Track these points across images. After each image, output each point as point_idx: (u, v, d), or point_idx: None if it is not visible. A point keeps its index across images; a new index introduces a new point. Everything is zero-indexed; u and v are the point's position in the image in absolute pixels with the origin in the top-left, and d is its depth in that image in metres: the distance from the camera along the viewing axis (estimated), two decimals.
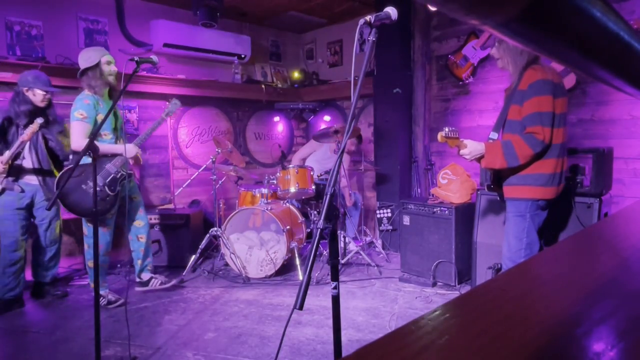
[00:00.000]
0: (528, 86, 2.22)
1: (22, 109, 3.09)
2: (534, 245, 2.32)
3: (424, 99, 4.65)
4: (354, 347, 2.52)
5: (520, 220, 2.32)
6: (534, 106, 2.20)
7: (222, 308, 3.17)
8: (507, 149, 2.24)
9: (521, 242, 2.31)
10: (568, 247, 0.91)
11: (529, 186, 2.28)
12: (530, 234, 2.30)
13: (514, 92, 2.31)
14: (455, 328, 0.53)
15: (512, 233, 2.36)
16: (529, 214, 2.30)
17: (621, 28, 0.45)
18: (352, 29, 5.49)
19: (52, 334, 2.78)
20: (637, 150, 3.31)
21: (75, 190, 2.93)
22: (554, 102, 2.21)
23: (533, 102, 2.20)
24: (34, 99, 3.14)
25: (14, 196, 3.14)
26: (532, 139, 2.19)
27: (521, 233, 2.31)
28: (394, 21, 1.52)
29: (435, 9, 2.31)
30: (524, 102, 2.23)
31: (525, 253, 2.31)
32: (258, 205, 3.97)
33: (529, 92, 2.21)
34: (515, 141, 2.23)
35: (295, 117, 6.15)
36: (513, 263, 2.34)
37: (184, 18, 4.82)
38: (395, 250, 4.46)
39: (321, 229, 1.28)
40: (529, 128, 2.21)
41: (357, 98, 1.44)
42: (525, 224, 2.30)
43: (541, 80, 2.19)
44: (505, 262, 2.45)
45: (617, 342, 0.48)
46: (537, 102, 2.19)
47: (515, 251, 2.34)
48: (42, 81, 3.16)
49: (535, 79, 2.20)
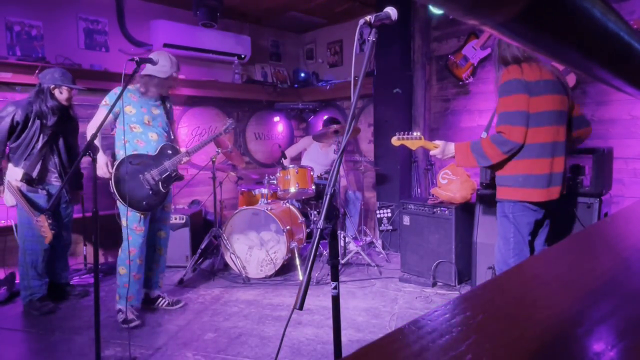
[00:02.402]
0: (499, 87, 2.24)
1: (49, 106, 3.05)
2: (523, 248, 2.27)
3: (424, 99, 4.65)
4: (354, 347, 2.52)
5: (505, 221, 2.31)
6: (502, 106, 2.21)
7: (222, 308, 3.17)
8: (475, 148, 2.26)
9: (508, 243, 2.29)
10: (568, 247, 0.91)
11: (509, 187, 2.25)
12: (516, 236, 2.27)
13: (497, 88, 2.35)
14: (455, 328, 0.53)
15: (500, 234, 2.36)
16: (512, 214, 2.26)
17: (621, 28, 0.45)
18: (352, 29, 5.48)
19: (52, 334, 2.78)
20: (637, 150, 3.31)
21: (133, 179, 2.82)
22: (529, 101, 2.14)
23: (501, 101, 2.22)
24: (60, 97, 3.10)
25: (43, 200, 3.11)
26: (498, 138, 2.18)
27: (507, 234, 2.29)
28: (394, 21, 1.52)
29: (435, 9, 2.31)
30: (497, 99, 2.26)
31: (513, 254, 2.28)
32: (258, 205, 3.97)
33: (499, 92, 2.23)
34: (484, 141, 2.25)
35: (295, 117, 6.15)
36: (504, 264, 2.32)
37: (184, 18, 4.82)
38: (395, 250, 4.46)
39: (321, 229, 1.28)
40: (497, 127, 2.22)
41: (357, 98, 1.44)
42: (511, 226, 2.27)
43: (513, 80, 2.17)
44: (497, 264, 2.43)
45: (617, 342, 0.48)
46: (504, 102, 2.19)
47: (503, 252, 2.33)
48: (69, 79, 3.14)
49: (505, 79, 2.20)
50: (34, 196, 3.08)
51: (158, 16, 4.68)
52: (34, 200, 3.08)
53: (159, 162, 2.93)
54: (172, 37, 4.63)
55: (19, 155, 3.05)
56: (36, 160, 3.06)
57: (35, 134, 3.05)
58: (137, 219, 2.87)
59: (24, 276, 3.11)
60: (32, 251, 3.08)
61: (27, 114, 3.02)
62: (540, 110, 2.17)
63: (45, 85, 3.07)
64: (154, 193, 2.90)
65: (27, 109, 3.03)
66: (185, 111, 5.08)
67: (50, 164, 3.15)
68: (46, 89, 3.06)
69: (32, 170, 3.04)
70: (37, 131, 3.05)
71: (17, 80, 3.73)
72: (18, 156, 3.05)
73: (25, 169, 3.04)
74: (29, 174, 3.04)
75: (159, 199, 2.95)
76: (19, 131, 3.03)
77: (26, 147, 3.04)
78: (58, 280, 3.39)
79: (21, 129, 3.03)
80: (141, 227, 2.89)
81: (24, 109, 3.02)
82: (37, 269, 3.11)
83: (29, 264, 3.08)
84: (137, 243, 2.89)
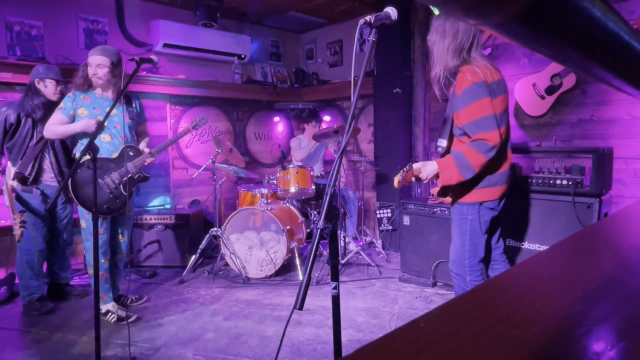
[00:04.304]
0: (462, 91, 2.08)
1: (35, 103, 3.02)
2: (479, 248, 2.25)
3: (424, 99, 4.65)
4: (354, 347, 2.52)
5: (463, 223, 2.25)
6: (476, 112, 2.06)
7: (222, 308, 3.17)
8: (459, 161, 2.09)
9: (464, 245, 2.25)
10: (568, 247, 0.91)
11: (475, 190, 2.19)
12: (472, 237, 2.23)
13: (452, 98, 2.20)
14: (455, 328, 0.53)
15: (457, 234, 2.31)
16: (471, 216, 2.22)
17: (621, 28, 0.45)
18: (352, 29, 5.49)
19: (52, 334, 2.78)
20: (637, 150, 3.31)
21: (90, 183, 2.84)
22: (493, 103, 2.07)
23: (472, 107, 2.06)
24: (46, 91, 3.06)
25: (38, 200, 3.10)
26: (483, 146, 2.04)
27: (464, 236, 2.25)
28: (393, 21, 1.52)
29: (435, 9, 2.30)
30: (461, 109, 2.10)
31: (469, 255, 2.26)
32: (258, 205, 3.97)
33: (466, 98, 2.08)
34: (466, 151, 2.08)
35: (295, 117, 6.16)
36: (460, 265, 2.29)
37: (184, 18, 4.82)
38: (395, 250, 4.46)
39: (321, 229, 1.28)
40: (478, 135, 2.06)
41: (357, 98, 1.44)
42: (468, 228, 2.23)
43: (475, 84, 2.05)
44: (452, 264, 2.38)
45: (617, 342, 0.48)
46: (477, 107, 2.05)
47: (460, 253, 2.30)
48: (54, 72, 3.09)
49: (468, 83, 2.07)
50: (28, 196, 3.07)
51: (158, 16, 4.68)
52: (27, 200, 3.07)
53: (120, 164, 2.91)
54: (172, 37, 4.63)
55: (15, 154, 3.05)
56: (29, 158, 3.04)
57: (28, 133, 3.04)
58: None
59: (22, 276, 3.11)
60: (27, 251, 3.08)
61: (19, 113, 3.01)
62: (500, 112, 2.11)
63: (31, 80, 3.06)
64: (115, 196, 2.90)
65: (19, 109, 3.02)
66: (185, 111, 5.08)
67: (45, 162, 3.12)
68: (32, 85, 3.05)
69: (25, 169, 3.03)
70: (29, 130, 3.04)
71: (17, 80, 3.73)
72: (14, 156, 3.06)
73: (18, 167, 3.03)
74: (22, 172, 3.02)
75: (121, 202, 2.93)
76: (12, 131, 3.03)
77: (20, 146, 3.04)
78: (57, 280, 3.39)
79: (14, 129, 3.03)
80: (101, 229, 2.91)
81: (15, 109, 3.02)
82: (34, 269, 3.10)
83: (25, 264, 3.08)
84: (101, 241, 2.88)
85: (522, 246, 3.11)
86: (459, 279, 2.29)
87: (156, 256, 4.13)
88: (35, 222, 3.08)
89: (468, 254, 2.24)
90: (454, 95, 2.17)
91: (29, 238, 3.05)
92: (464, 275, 2.25)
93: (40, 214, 3.10)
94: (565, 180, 2.89)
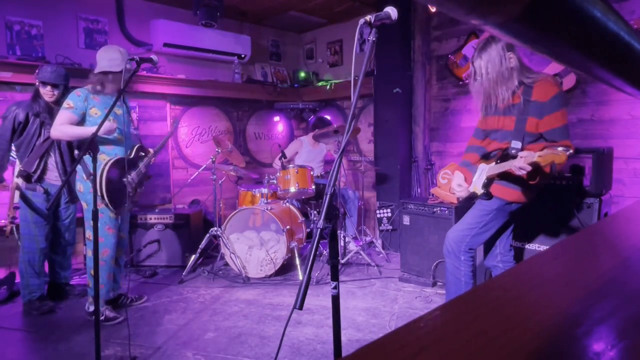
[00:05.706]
0: (551, 98, 2.15)
1: (41, 104, 3.06)
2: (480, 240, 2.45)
3: (424, 99, 4.65)
4: (354, 347, 2.52)
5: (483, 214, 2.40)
6: (564, 118, 2.17)
7: (222, 308, 3.17)
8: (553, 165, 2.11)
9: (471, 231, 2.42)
10: (568, 247, 0.91)
11: (517, 190, 2.28)
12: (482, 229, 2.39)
13: (528, 104, 2.22)
14: (455, 328, 0.53)
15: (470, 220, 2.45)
16: (496, 211, 2.36)
17: (621, 28, 0.45)
18: (352, 29, 5.49)
19: (52, 334, 2.78)
20: (637, 150, 3.31)
21: (119, 183, 2.88)
22: None
23: (562, 113, 2.17)
24: (43, 93, 3.05)
25: (41, 199, 3.11)
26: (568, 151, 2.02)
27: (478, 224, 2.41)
28: (394, 21, 1.52)
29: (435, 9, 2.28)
30: (548, 114, 2.16)
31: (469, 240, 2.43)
32: (258, 205, 3.97)
33: (554, 104, 2.15)
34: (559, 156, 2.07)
35: (295, 117, 6.15)
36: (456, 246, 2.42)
37: (184, 18, 4.81)
38: (395, 250, 4.46)
39: (321, 228, 1.28)
40: (565, 141, 2.13)
41: (357, 98, 1.44)
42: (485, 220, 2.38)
43: (562, 92, 2.21)
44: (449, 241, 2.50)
45: (617, 342, 0.48)
46: (565, 114, 2.18)
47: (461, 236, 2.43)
48: (47, 74, 3.02)
49: (556, 90, 2.17)
50: (31, 194, 3.08)
51: (158, 16, 4.68)
52: (31, 198, 3.08)
53: (136, 164, 2.97)
54: (172, 36, 4.63)
55: (22, 152, 3.08)
56: (35, 156, 3.06)
57: (36, 131, 3.06)
58: (112, 220, 2.91)
59: (23, 274, 3.12)
60: (28, 249, 3.09)
61: (27, 112, 3.05)
62: None
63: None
64: (131, 194, 2.97)
65: (28, 108, 3.06)
66: (185, 111, 5.08)
67: (50, 161, 3.13)
68: (35, 87, 3.09)
69: (30, 167, 3.04)
70: (37, 128, 3.07)
71: (17, 80, 3.73)
72: (22, 154, 3.08)
73: (23, 165, 3.05)
74: (27, 170, 3.04)
75: (133, 199, 3.02)
76: (20, 129, 3.05)
77: (27, 144, 3.06)
78: (57, 279, 3.39)
79: (22, 127, 3.05)
80: (114, 228, 2.93)
81: (24, 109, 3.05)
82: (35, 267, 3.11)
83: (26, 262, 3.09)
84: (111, 244, 2.92)
85: (523, 246, 3.11)
86: (451, 257, 2.42)
87: (156, 256, 4.13)
88: (37, 221, 3.09)
89: (471, 238, 2.37)
90: (528, 102, 2.21)
91: (31, 237, 3.07)
92: (459, 255, 2.39)
93: (42, 213, 3.11)
94: (565, 180, 2.89)
